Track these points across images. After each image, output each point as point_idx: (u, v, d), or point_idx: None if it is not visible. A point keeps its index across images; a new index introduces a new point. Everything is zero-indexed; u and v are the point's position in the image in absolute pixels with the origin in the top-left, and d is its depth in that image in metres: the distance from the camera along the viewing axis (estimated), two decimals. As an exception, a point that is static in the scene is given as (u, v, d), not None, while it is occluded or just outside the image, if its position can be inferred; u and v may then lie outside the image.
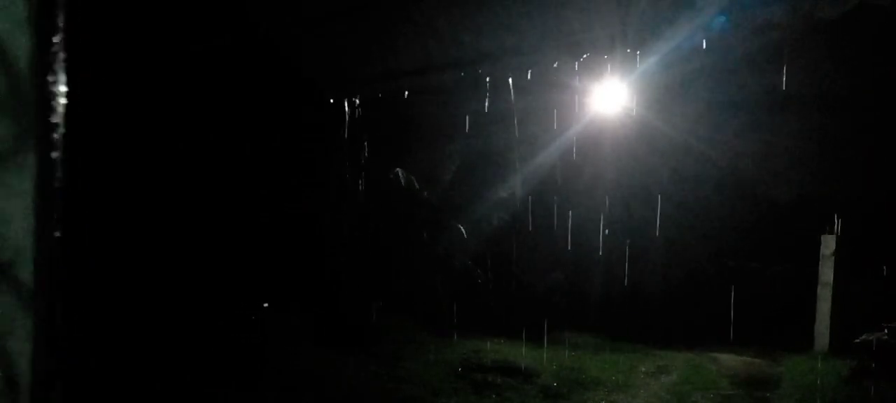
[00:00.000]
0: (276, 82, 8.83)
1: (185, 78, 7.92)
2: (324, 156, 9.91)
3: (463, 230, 11.91)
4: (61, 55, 1.50)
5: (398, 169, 11.45)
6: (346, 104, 9.85)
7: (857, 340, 8.61)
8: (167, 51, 7.78)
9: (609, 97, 10.60)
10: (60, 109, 1.49)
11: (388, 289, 10.42)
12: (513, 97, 9.89)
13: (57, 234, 1.48)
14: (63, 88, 1.50)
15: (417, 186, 11.69)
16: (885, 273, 10.52)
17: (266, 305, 8.82)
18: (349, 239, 10.13)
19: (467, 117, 11.13)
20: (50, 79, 1.47)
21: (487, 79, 8.92)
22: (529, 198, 12.18)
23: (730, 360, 9.86)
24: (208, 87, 8.09)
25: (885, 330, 8.51)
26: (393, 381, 7.68)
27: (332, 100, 9.76)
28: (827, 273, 10.42)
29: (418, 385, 7.61)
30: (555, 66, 7.96)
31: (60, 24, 1.49)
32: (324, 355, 8.10)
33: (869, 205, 10.76)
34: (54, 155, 1.48)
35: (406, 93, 9.47)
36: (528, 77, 8.33)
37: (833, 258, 10.35)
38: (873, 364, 8.25)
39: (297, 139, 9.38)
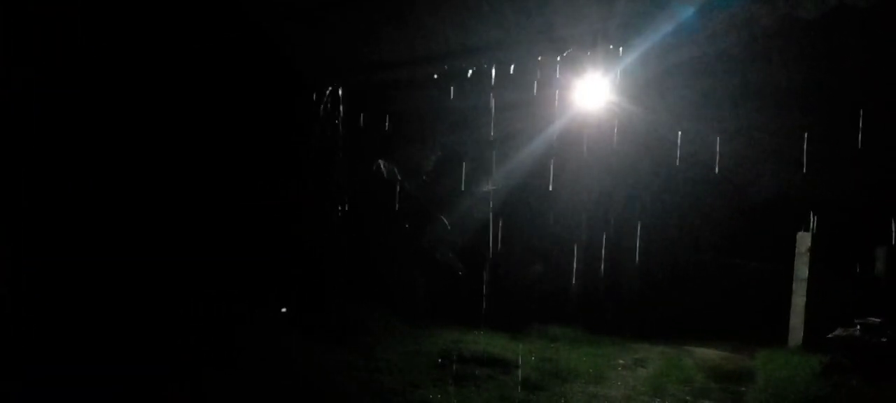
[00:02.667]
0: (260, 72, 8.77)
1: (169, 66, 7.84)
2: (306, 147, 9.87)
3: (446, 222, 11.92)
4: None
5: (381, 160, 11.43)
6: (329, 95, 9.81)
7: (830, 336, 8.75)
8: (152, 38, 7.69)
9: (591, 92, 10.64)
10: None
11: (369, 281, 10.41)
12: (496, 91, 9.91)
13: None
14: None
15: (400, 178, 11.68)
16: (858, 270, 10.71)
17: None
18: (331, 230, 10.11)
19: (450, 110, 11.13)
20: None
21: (470, 73, 8.94)
22: (511, 191, 12.22)
23: (705, 354, 10.00)
24: (192, 76, 8.02)
25: (857, 326, 8.67)
26: (372, 372, 7.69)
27: (315, 91, 9.71)
28: (802, 269, 10.58)
29: (397, 376, 7.63)
30: (538, 60, 8.00)
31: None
32: (303, 346, 8.10)
33: (844, 204, 10.93)
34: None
35: (390, 84, 9.46)
36: (512, 71, 8.35)
37: (808, 255, 10.51)
38: (845, 360, 8.40)
39: (279, 129, 9.34)
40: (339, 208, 10.45)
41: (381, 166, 11.49)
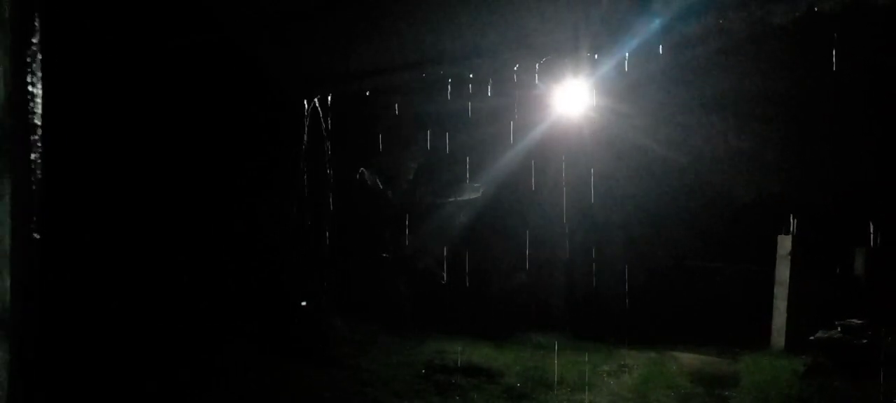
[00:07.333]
0: (237, 82, 8.73)
1: (145, 77, 7.78)
2: (285, 157, 9.83)
3: (427, 231, 11.90)
4: (38, 56, 1.45)
5: (362, 169, 11.40)
6: (307, 105, 9.79)
7: (812, 338, 8.81)
8: (128, 49, 7.64)
9: (571, 99, 10.69)
10: (37, 110, 1.44)
11: (350, 292, 10.36)
12: (475, 98, 9.93)
13: (36, 236, 1.43)
14: (39, 89, 1.45)
15: (381, 186, 11.65)
16: (838, 271, 10.79)
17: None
18: (311, 241, 10.05)
19: (429, 117, 11.13)
20: (27, 80, 1.42)
21: (449, 80, 8.95)
22: (492, 198, 12.22)
23: (689, 359, 10.01)
24: (168, 87, 7.97)
25: (838, 328, 8.74)
26: (355, 384, 7.65)
27: (293, 101, 9.68)
28: (783, 272, 10.64)
29: (381, 389, 7.58)
30: (516, 67, 8.03)
31: (37, 25, 1.44)
32: (284, 361, 8.03)
33: (824, 207, 11.02)
34: (33, 156, 1.42)
35: (368, 93, 9.45)
36: (491, 78, 8.39)
37: (789, 258, 10.58)
38: (827, 361, 8.46)
39: (257, 140, 9.29)
40: (320, 218, 10.40)
41: (364, 174, 11.46)
